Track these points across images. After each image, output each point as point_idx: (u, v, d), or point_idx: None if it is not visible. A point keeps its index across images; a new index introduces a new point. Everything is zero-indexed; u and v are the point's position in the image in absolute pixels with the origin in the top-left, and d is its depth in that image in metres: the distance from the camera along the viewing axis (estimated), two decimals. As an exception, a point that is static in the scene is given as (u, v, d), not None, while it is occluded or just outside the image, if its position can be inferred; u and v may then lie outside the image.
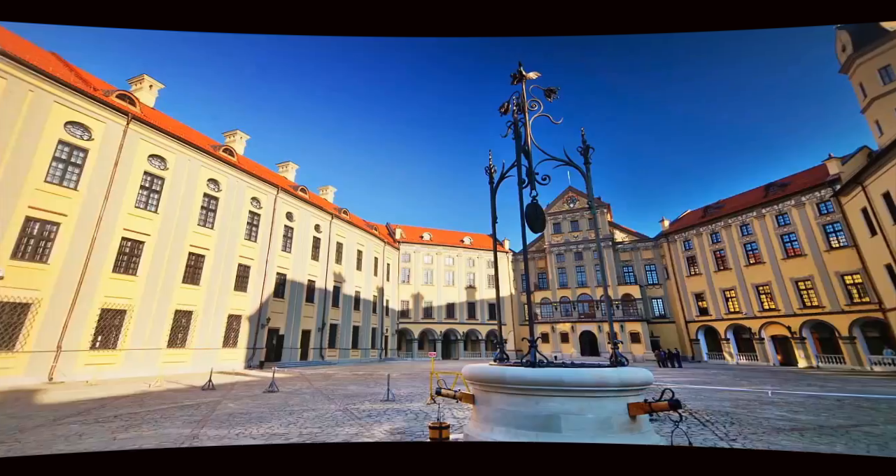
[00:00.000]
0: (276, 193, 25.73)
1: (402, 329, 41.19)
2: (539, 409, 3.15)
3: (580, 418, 3.04)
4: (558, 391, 3.14)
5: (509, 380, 3.33)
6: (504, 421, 3.32)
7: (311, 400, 9.45)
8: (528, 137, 4.61)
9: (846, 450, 4.99)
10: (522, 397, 3.26)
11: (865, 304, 25.22)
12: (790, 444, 5.19)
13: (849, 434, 5.82)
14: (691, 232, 36.20)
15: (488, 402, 3.52)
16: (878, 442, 5.38)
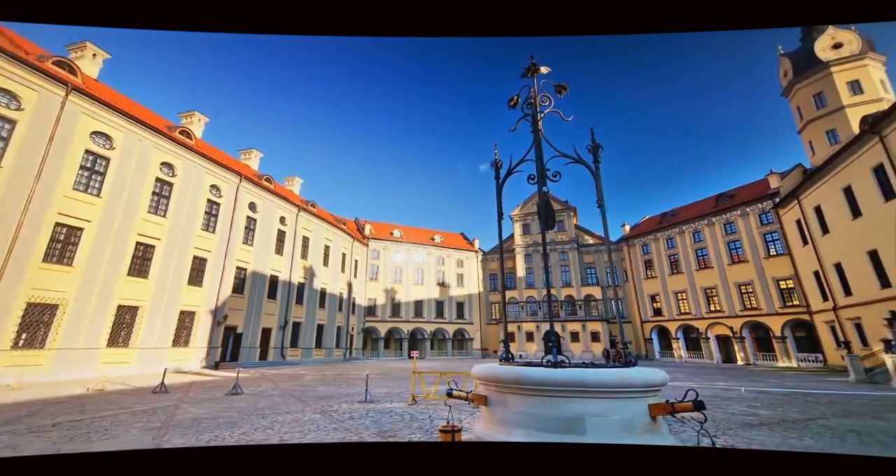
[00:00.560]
0: (238, 182, 24.13)
1: (368, 328, 40.29)
2: (562, 411, 3.04)
3: (605, 420, 2.97)
4: (581, 393, 3.04)
5: (530, 381, 3.19)
6: (524, 423, 3.18)
7: (282, 402, 8.85)
8: (538, 133, 4.50)
9: (816, 443, 5.33)
10: (544, 399, 3.13)
11: (796, 307, 27.89)
12: (764, 438, 5.48)
13: (809, 427, 6.27)
14: (649, 237, 38.34)
15: (505, 404, 3.37)
16: (837, 434, 5.83)
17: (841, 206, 21.71)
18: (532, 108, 4.57)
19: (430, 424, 6.26)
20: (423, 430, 5.85)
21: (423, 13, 1.69)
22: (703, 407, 2.66)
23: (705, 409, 2.67)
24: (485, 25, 1.73)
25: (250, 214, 25.17)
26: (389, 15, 1.70)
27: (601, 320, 38.19)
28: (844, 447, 4.98)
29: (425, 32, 1.72)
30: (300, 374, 17.05)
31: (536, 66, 4.58)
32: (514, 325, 40.99)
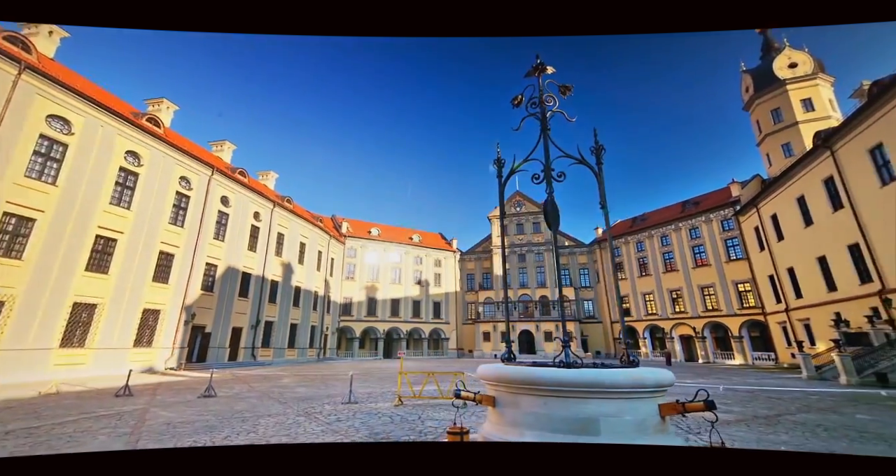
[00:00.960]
0: (210, 174, 23.01)
1: (343, 327, 39.52)
2: (576, 412, 3.05)
3: (618, 420, 3.00)
4: (597, 393, 3.06)
5: (545, 382, 3.17)
6: (537, 425, 3.17)
7: (260, 405, 8.48)
8: (545, 133, 4.54)
9: (792, 439, 5.68)
10: (558, 400, 3.13)
11: (752, 309, 29.76)
12: (744, 434, 5.78)
13: (781, 423, 6.68)
14: (620, 240, 39.76)
15: (517, 405, 3.34)
16: (807, 429, 6.24)
17: (795, 215, 23.36)
18: (539, 108, 4.60)
19: (422, 425, 6.18)
20: (417, 431, 5.76)
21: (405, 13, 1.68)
22: (714, 406, 2.74)
23: (716, 409, 2.75)
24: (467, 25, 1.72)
25: (222, 209, 24.08)
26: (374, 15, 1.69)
27: (574, 320, 39.25)
28: (817, 442, 5.34)
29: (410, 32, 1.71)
30: (275, 375, 16.47)
31: (543, 66, 4.62)
32: (490, 325, 41.43)
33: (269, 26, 1.70)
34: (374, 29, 1.73)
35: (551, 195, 4.45)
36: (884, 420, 6.87)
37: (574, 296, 41.27)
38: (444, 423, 6.27)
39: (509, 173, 4.88)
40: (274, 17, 1.68)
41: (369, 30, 1.73)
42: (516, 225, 44.00)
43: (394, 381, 14.06)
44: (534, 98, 4.69)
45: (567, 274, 43.00)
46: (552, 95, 4.73)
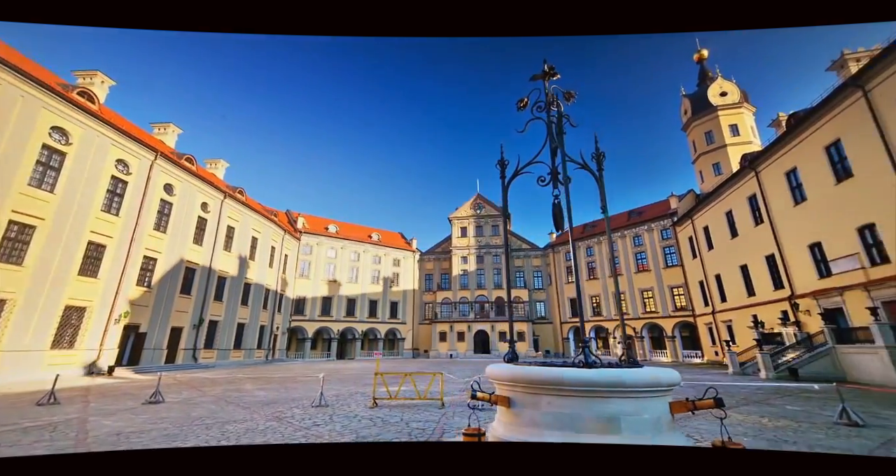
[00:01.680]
0: (153, 159, 20.89)
1: (294, 327, 37.71)
2: (599, 411, 3.15)
3: (638, 419, 3.14)
4: (618, 392, 3.17)
5: (570, 382, 3.24)
6: (558, 424, 3.23)
7: (220, 410, 7.86)
8: (552, 136, 4.74)
9: (746, 430, 6.38)
10: (581, 399, 3.21)
11: (684, 311, 32.88)
12: (705, 427, 6.40)
13: (730, 416, 7.47)
14: (570, 246, 41.99)
15: (536, 405, 3.39)
16: (755, 420, 7.06)
17: (723, 228, 26.22)
18: (546, 113, 4.77)
19: (407, 427, 6.11)
20: (405, 433, 5.69)
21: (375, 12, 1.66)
22: (722, 404, 3.00)
23: (724, 406, 3.01)
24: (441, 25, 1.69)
25: (166, 197, 21.96)
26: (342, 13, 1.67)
27: (527, 321, 40.78)
28: (769, 432, 6.08)
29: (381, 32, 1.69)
30: (224, 379, 15.29)
31: (553, 70, 4.81)
32: (447, 325, 41.77)
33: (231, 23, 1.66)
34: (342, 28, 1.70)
35: (558, 198, 4.63)
36: (810, 410, 7.96)
37: (527, 297, 42.85)
38: (429, 424, 6.25)
39: (513, 175, 5.01)
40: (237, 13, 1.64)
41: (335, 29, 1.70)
42: (475, 227, 44.81)
43: (358, 383, 13.72)
44: (539, 102, 4.86)
45: (521, 275, 44.56)
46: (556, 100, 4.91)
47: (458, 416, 6.88)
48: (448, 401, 8.50)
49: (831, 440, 5.52)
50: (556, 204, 4.66)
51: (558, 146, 4.52)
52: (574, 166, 4.74)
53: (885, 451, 4.93)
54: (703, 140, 34.69)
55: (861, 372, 13.74)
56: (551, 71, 4.83)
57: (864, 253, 15.45)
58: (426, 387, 8.42)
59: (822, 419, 6.90)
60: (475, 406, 3.82)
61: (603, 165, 4.66)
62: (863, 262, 15.42)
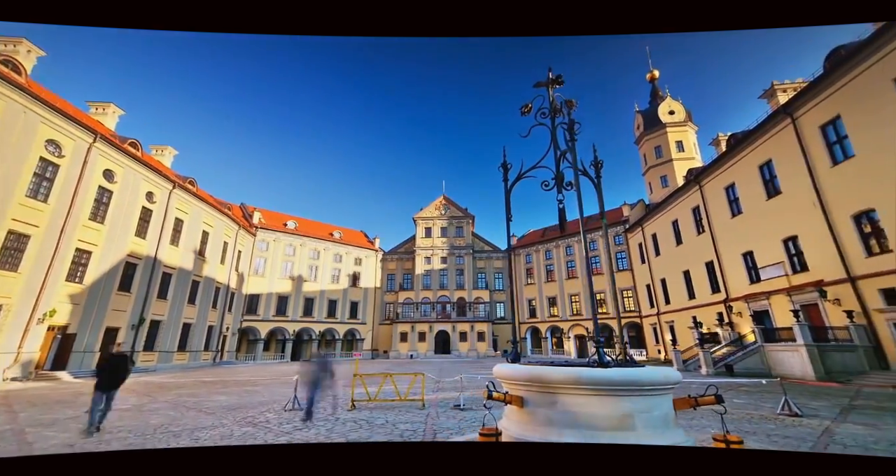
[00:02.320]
0: (91, 142, 18.77)
1: (245, 328, 35.58)
2: (615, 409, 3.30)
3: (649, 415, 3.33)
4: (633, 390, 3.35)
5: (587, 381, 3.36)
6: (575, 423, 3.33)
7: (181, 417, 7.25)
8: (554, 142, 4.93)
9: (710, 423, 6.98)
10: (596, 398, 3.34)
11: (632, 312, 35.28)
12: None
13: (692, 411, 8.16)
14: (532, 248, 43.54)
15: (552, 405, 3.47)
16: (709, 413, 7.68)
17: (669, 236, 28.49)
18: (550, 120, 4.96)
19: (395, 429, 6.01)
20: (396, 435, 5.60)
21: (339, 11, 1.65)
22: (722, 400, 3.28)
23: (724, 402, 3.30)
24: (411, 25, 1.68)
25: (105, 184, 19.82)
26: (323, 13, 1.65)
27: (487, 321, 41.61)
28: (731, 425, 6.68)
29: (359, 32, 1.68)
30: (173, 383, 14.04)
31: (559, 79, 5.00)
32: (408, 326, 41.51)
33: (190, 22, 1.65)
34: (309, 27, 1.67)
35: (562, 202, 4.83)
36: (755, 403, 8.89)
37: (489, 298, 43.70)
38: (416, 425, 6.20)
39: (515, 179, 5.15)
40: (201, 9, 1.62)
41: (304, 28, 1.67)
42: (440, 228, 44.98)
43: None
44: (543, 108, 5.04)
45: (483, 277, 45.39)
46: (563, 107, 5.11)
47: (442, 417, 6.90)
48: (426, 401, 8.48)
49: (782, 429, 6.23)
50: (561, 208, 4.86)
51: (570, 152, 4.71)
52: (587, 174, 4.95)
53: (827, 437, 5.65)
54: (652, 154, 37.44)
55: (784, 367, 15.57)
56: (557, 79, 5.03)
57: (787, 262, 17.54)
58: (406, 387, 8.33)
59: (767, 411, 7.76)
60: (491, 406, 3.85)
61: (601, 173, 4.94)
62: (787, 270, 17.50)
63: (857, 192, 14.27)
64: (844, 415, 7.47)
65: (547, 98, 5.12)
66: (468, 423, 6.31)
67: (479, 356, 39.46)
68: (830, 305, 15.50)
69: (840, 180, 14.95)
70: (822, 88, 15.45)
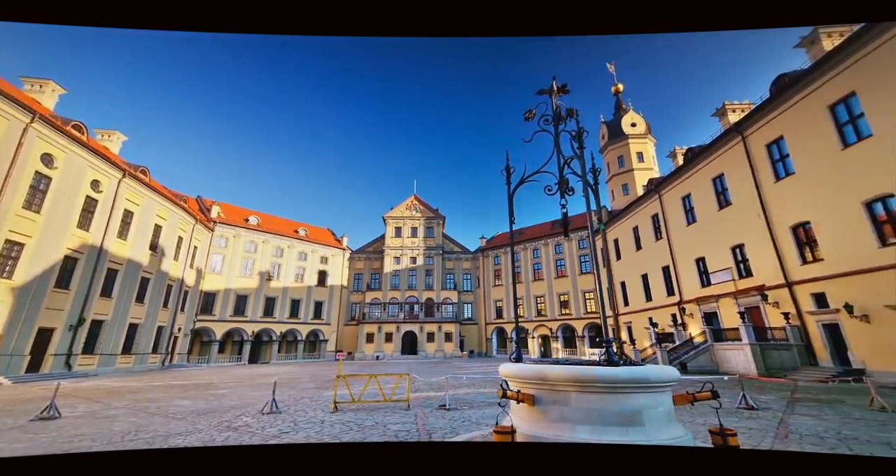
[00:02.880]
0: (27, 122, 16.83)
1: (200, 328, 33.39)
2: (625, 406, 3.45)
3: (655, 411, 3.50)
4: (641, 388, 3.52)
5: (600, 379, 3.49)
6: (588, 419, 3.45)
7: (147, 423, 6.66)
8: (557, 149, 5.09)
9: (682, 417, 7.43)
10: (608, 395, 3.48)
11: (593, 313, 36.96)
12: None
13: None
14: (500, 250, 44.41)
15: (565, 402, 3.58)
16: (678, 409, 8.26)
17: (630, 241, 30.19)
18: (554, 127, 5.11)
19: (387, 430, 5.89)
20: (391, 436, 5.48)
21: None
22: (718, 395, 3.54)
23: (719, 397, 3.55)
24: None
25: (43, 170, 17.85)
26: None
27: (455, 322, 41.88)
28: (700, 418, 7.19)
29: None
30: (123, 388, 12.82)
31: (565, 87, 5.17)
32: (375, 326, 40.85)
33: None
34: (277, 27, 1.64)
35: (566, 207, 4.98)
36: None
37: (456, 299, 44.00)
38: (407, 426, 6.11)
39: (518, 183, 5.25)
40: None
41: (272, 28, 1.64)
42: (410, 228, 44.71)
43: (295, 387, 12.71)
44: (546, 115, 5.20)
45: (452, 278, 45.64)
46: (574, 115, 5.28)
47: (431, 418, 6.86)
48: (406, 401, 8.39)
49: (744, 422, 6.80)
50: (564, 213, 5.02)
51: (578, 159, 4.87)
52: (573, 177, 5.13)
53: (785, 429, 6.24)
54: (615, 163, 39.47)
55: (730, 364, 16.99)
56: (563, 88, 5.20)
57: (735, 268, 19.17)
58: (382, 388, 8.18)
59: (727, 405, 8.43)
60: (505, 404, 3.91)
61: (598, 179, 5.17)
62: (734, 275, 19.12)
63: (795, 205, 15.89)
64: (792, 407, 8.28)
65: (550, 105, 5.28)
66: (459, 423, 6.33)
67: (445, 356, 39.60)
68: (770, 308, 17.12)
69: (781, 194, 16.57)
70: (768, 111, 17.07)
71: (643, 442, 3.44)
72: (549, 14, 1.67)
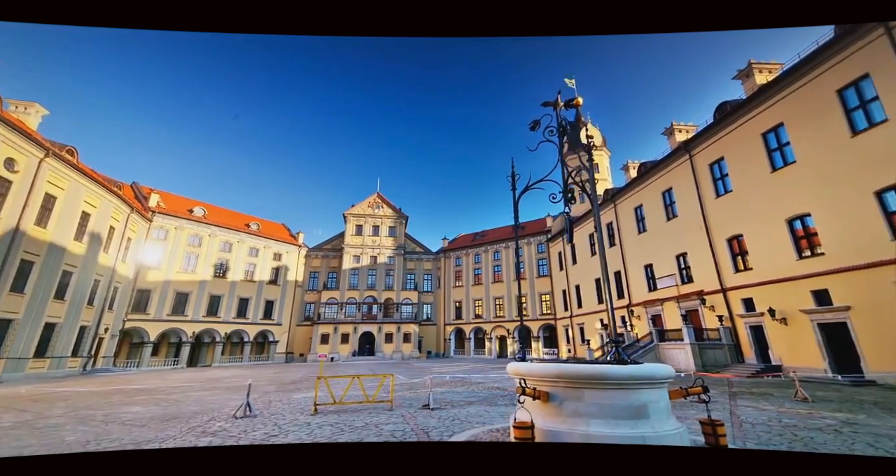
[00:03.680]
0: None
1: (130, 329, 30.15)
2: (633, 401, 3.73)
3: (657, 405, 3.82)
4: (647, 384, 3.81)
5: (612, 376, 3.74)
6: (601, 413, 3.69)
7: (104, 432, 5.90)
8: (561, 160, 5.33)
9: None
10: (618, 391, 3.74)
11: (548, 315, 38.66)
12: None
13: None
14: (462, 252, 44.99)
15: (580, 398, 3.79)
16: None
17: (585, 247, 32.01)
18: (559, 138, 5.35)
19: (381, 431, 5.73)
20: (388, 436, 5.34)
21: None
22: (708, 390, 3.96)
23: (709, 392, 3.97)
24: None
25: (-54, 140, 15.17)
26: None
27: (415, 322, 41.67)
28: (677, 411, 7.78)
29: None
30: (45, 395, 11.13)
31: (570, 102, 5.42)
32: (331, 327, 39.48)
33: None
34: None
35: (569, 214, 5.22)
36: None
37: (416, 299, 43.82)
38: (400, 426, 5.99)
39: (523, 190, 5.43)
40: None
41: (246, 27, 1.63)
42: (372, 226, 43.83)
43: (257, 390, 11.91)
44: (550, 127, 5.43)
45: (412, 278, 45.39)
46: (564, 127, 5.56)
47: (420, 418, 6.80)
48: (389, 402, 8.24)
49: (700, 414, 7.48)
50: (569, 220, 5.28)
51: (587, 170, 5.12)
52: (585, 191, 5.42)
53: (737, 419, 6.99)
54: (574, 172, 41.64)
55: (673, 362, 18.62)
56: (569, 102, 5.47)
57: (678, 274, 21.08)
58: (377, 388, 7.96)
59: (680, 400, 9.25)
60: (523, 400, 4.03)
61: (595, 189, 5.50)
62: (678, 281, 21.02)
63: (731, 219, 17.85)
64: (735, 400, 9.28)
65: (555, 117, 5.54)
66: (450, 423, 6.35)
67: (403, 357, 39.25)
68: (707, 311, 19.04)
69: (720, 209, 18.53)
70: (712, 134, 19.04)
71: (650, 433, 3.73)
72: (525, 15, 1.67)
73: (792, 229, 15.25)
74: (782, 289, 15.39)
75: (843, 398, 9.42)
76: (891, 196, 12.26)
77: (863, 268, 12.59)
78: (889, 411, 7.57)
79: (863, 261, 12.60)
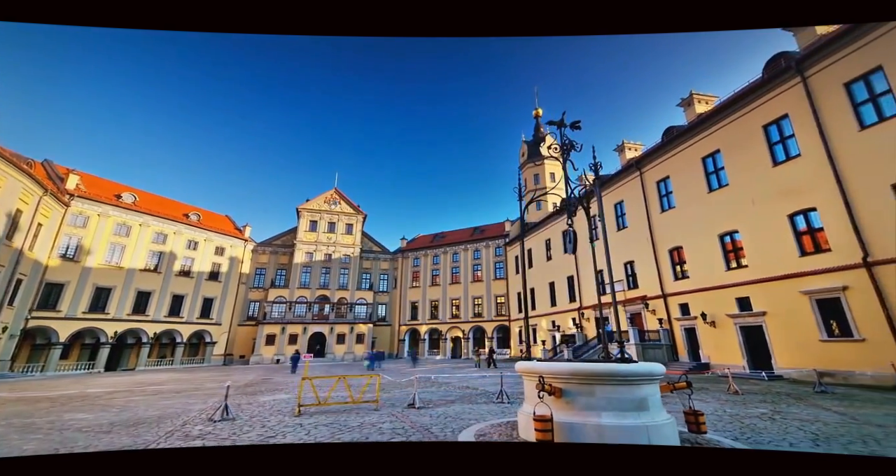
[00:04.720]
0: None
1: (35, 327, 26.15)
2: (636, 395, 4.18)
3: (654, 398, 4.31)
4: (647, 380, 4.29)
5: (622, 374, 4.17)
6: (610, 406, 4.10)
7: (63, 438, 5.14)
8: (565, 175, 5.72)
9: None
10: (624, 386, 4.18)
11: (502, 316, 39.94)
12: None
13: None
14: (420, 252, 44.95)
15: (591, 393, 4.17)
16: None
17: (541, 252, 33.63)
18: (563, 154, 5.74)
19: (380, 429, 5.63)
20: (396, 436, 5.26)
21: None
22: (692, 385, 4.55)
23: (693, 387, 4.53)
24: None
25: None
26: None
27: (369, 323, 40.78)
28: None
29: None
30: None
31: (576, 123, 5.84)
32: (278, 327, 37.36)
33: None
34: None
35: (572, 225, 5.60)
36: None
37: (371, 299, 42.94)
38: (396, 424, 5.93)
39: (528, 202, 5.74)
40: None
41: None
42: (328, 223, 42.23)
43: (215, 395, 10.97)
44: (554, 145, 5.83)
45: (368, 277, 44.42)
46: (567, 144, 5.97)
47: (412, 417, 6.78)
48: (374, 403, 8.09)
49: (673, 407, 8.33)
50: (573, 232, 5.68)
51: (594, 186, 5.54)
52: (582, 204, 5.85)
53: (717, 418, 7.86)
54: (532, 180, 43.51)
55: (619, 360, 20.26)
56: (575, 124, 5.91)
57: (626, 280, 22.99)
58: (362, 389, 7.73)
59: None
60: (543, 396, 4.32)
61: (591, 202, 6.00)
62: (625, 286, 22.91)
63: (673, 233, 19.89)
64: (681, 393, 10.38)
65: (559, 135, 5.98)
66: (445, 420, 6.44)
67: (355, 359, 38.20)
68: (649, 314, 20.98)
69: (665, 223, 20.57)
70: (660, 155, 21.10)
71: (651, 422, 4.20)
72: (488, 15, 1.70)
73: (723, 243, 17.36)
74: (713, 295, 17.45)
75: (764, 391, 10.94)
76: (799, 219, 14.51)
77: (777, 279, 14.71)
78: (800, 401, 8.97)
79: (777, 273, 14.72)
